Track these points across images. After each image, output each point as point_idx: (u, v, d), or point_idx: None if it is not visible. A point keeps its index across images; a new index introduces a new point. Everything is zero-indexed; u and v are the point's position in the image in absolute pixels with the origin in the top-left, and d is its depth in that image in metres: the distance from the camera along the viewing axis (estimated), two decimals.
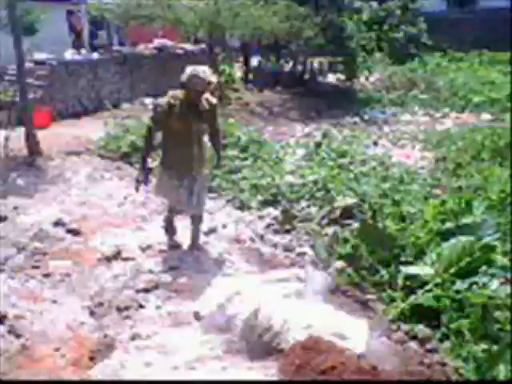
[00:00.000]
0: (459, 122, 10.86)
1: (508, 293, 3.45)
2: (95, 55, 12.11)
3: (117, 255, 4.44)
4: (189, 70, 4.10)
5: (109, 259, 4.39)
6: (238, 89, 14.10)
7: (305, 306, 3.18)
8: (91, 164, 7.17)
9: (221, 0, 12.11)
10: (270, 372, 2.80)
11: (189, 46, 14.82)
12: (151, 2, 12.51)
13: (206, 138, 4.47)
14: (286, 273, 3.75)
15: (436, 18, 22.15)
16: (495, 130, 8.72)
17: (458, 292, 3.53)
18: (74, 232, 4.93)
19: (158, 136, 4.35)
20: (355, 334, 2.94)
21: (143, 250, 4.52)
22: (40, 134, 7.49)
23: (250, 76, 16.11)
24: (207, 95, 4.21)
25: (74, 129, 8.81)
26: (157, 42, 14.10)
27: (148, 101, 11.92)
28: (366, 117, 11.80)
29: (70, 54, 11.84)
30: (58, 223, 5.07)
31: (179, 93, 4.18)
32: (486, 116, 11.36)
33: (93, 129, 8.77)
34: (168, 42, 14.25)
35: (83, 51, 13.21)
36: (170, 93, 4.23)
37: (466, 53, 19.99)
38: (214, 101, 4.27)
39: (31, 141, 7.21)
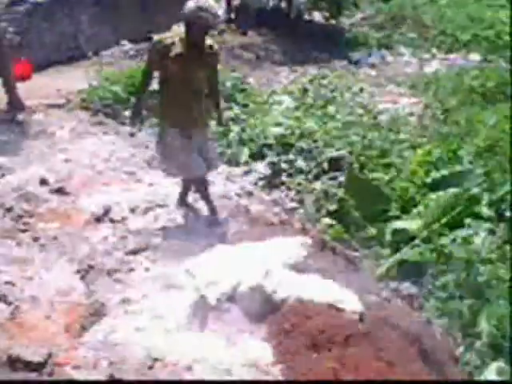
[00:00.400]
0: (447, 63, 10.68)
1: (493, 247, 3.52)
2: None
3: (105, 216, 4.42)
4: (191, 1, 3.71)
5: (97, 220, 4.37)
6: (221, 30, 13.63)
7: (292, 274, 3.20)
8: (74, 118, 6.97)
9: None
10: (260, 335, 2.86)
11: None
12: None
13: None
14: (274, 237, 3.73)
15: None
16: (483, 71, 8.60)
17: (443, 246, 3.59)
18: (61, 192, 4.86)
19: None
20: (346, 297, 2.99)
21: (132, 209, 4.50)
22: (20, 87, 7.24)
23: (233, 16, 15.55)
24: (209, 41, 3.87)
25: (54, 80, 8.50)
26: None
27: (128, 46, 11.52)
28: (353, 60, 11.55)
29: None
30: (43, 183, 4.99)
31: (181, 30, 3.82)
32: (474, 56, 11.17)
33: (74, 79, 8.47)
34: None
35: None
36: (174, 27, 3.94)
37: None
38: (217, 46, 3.94)
39: (12, 94, 6.97)
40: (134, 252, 3.88)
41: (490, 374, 2.60)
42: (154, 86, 4.19)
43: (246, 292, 3.13)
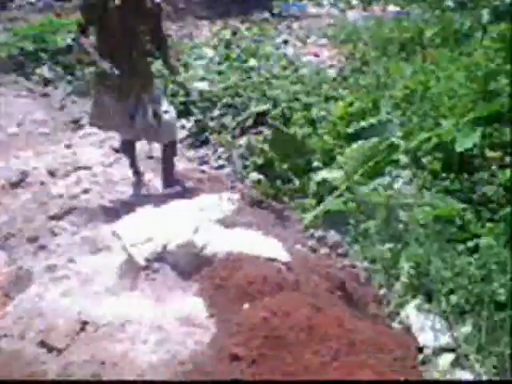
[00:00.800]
0: (367, 14, 10.83)
1: (411, 192, 3.70)
2: None
3: (22, 181, 4.21)
4: None
5: (14, 185, 4.17)
6: None
7: (222, 229, 3.22)
8: None
9: None
10: (191, 291, 2.88)
11: None
12: None
13: None
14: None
15: None
16: (401, 22, 8.80)
17: (365, 194, 3.73)
18: None
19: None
20: (274, 248, 3.06)
21: (51, 173, 4.31)
22: None
23: None
24: None
25: None
26: None
27: None
28: (276, 11, 11.46)
29: None
30: None
31: None
32: (392, 7, 11.39)
33: None
34: None
35: None
36: None
37: None
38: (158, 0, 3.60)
39: None
40: (57, 217, 3.75)
41: (411, 310, 2.79)
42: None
43: (175, 249, 3.12)
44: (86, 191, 4.03)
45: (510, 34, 5.20)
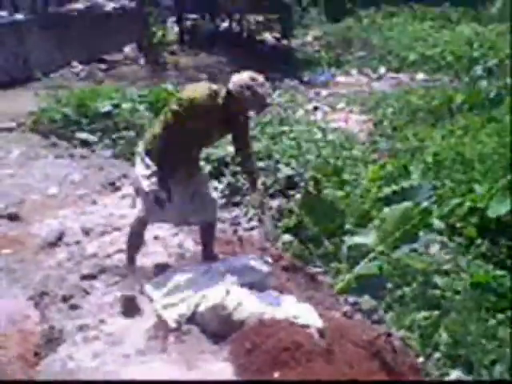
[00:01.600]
0: (395, 82, 11.08)
1: (447, 258, 3.64)
2: (19, 16, 11.22)
3: (59, 240, 4.30)
4: (245, 76, 3.18)
5: (51, 245, 4.25)
6: (174, 51, 13.67)
7: (253, 292, 3.20)
8: (24, 141, 6.82)
9: None
10: (221, 356, 2.83)
11: (118, 4, 14.10)
12: None
13: None
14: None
15: None
16: (429, 90, 8.98)
17: (399, 259, 3.68)
18: (12, 217, 4.71)
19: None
20: (307, 313, 3.01)
21: (86, 232, 4.39)
22: None
23: (186, 36, 15.62)
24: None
25: (2, 103, 8.28)
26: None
27: (79, 68, 11.38)
28: (305, 79, 11.82)
29: None
30: None
31: (219, 91, 3.22)
32: (420, 75, 11.64)
33: (23, 101, 8.28)
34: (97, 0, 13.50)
35: (4, 12, 12.28)
36: (207, 86, 3.27)
37: (399, 6, 20.11)
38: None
39: None
40: (90, 277, 3.78)
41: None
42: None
43: (206, 312, 3.09)
44: (119, 251, 4.07)
45: None
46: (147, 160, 3.37)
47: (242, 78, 3.19)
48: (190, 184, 3.46)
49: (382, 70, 12.68)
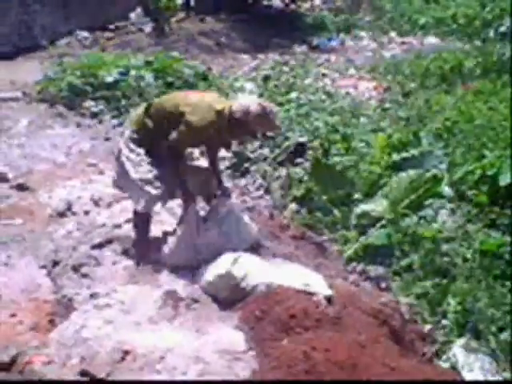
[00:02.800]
0: (405, 47, 10.84)
1: (456, 225, 3.62)
2: None
3: (68, 210, 4.33)
4: (252, 103, 3.08)
5: (60, 215, 4.28)
6: (180, 17, 13.42)
7: (261, 260, 3.21)
8: (31, 111, 6.80)
9: None
10: (231, 323, 2.87)
11: None
12: None
13: None
14: None
15: None
16: (440, 54, 8.78)
17: (408, 227, 3.66)
18: (21, 187, 4.75)
19: None
20: (315, 281, 3.02)
21: (96, 202, 4.41)
22: None
23: (191, 2, 15.31)
24: None
25: (7, 72, 8.22)
26: None
27: (85, 35, 11.23)
28: (314, 44, 11.60)
29: None
30: (2, 179, 4.86)
31: (224, 112, 3.13)
32: (431, 39, 11.37)
33: (29, 70, 8.23)
34: None
35: None
36: (213, 107, 3.14)
37: None
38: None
39: None
40: (100, 246, 3.81)
41: (458, 349, 2.69)
42: None
43: (214, 280, 3.12)
44: (129, 221, 4.08)
45: None
46: (135, 148, 3.38)
47: (248, 105, 3.07)
48: None
49: (393, 34, 12.40)
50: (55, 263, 3.64)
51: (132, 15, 12.99)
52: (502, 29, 10.23)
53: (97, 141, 5.75)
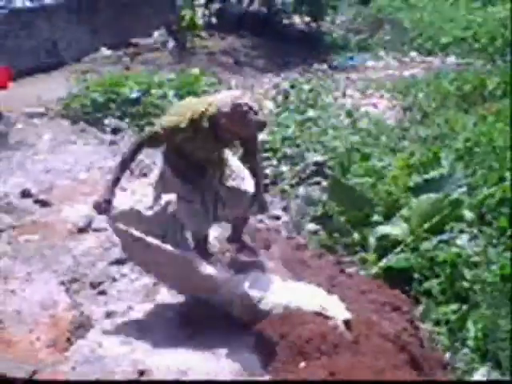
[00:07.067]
0: (426, 66, 10.82)
1: (477, 249, 3.56)
2: (48, 1, 11.31)
3: (88, 226, 4.37)
4: (235, 97, 2.81)
5: (81, 231, 4.33)
6: (201, 35, 13.61)
7: (279, 281, 3.19)
8: (55, 126, 6.92)
9: None
10: (248, 345, 2.85)
11: None
12: None
13: None
14: None
15: None
16: (461, 74, 8.74)
17: (428, 251, 3.62)
18: (43, 203, 4.81)
19: None
20: (333, 304, 2.99)
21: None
22: None
23: (213, 20, 15.53)
24: None
25: (33, 88, 8.39)
26: None
27: (108, 53, 11.45)
28: (334, 63, 11.65)
29: (20, 1, 11.06)
30: (25, 194, 4.94)
31: (205, 114, 2.93)
32: (452, 59, 11.34)
33: (54, 87, 8.38)
34: None
35: None
36: (192, 109, 2.96)
37: None
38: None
39: None
40: (118, 263, 3.84)
41: (479, 378, 2.63)
42: None
43: (231, 300, 3.11)
44: None
45: None
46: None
47: (225, 104, 2.81)
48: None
49: (413, 53, 12.39)
50: (74, 280, 3.68)
51: (155, 33, 13.22)
52: None
53: (118, 157, 5.81)
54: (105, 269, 3.81)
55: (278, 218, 4.53)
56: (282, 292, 3.11)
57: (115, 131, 6.75)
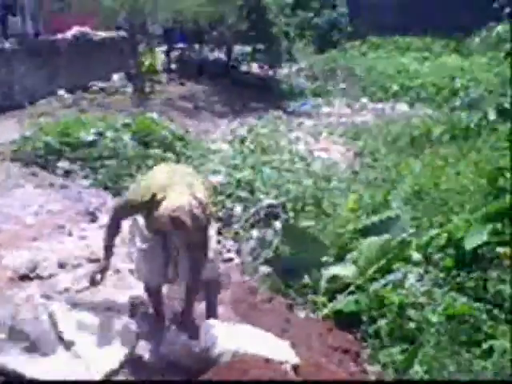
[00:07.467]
0: (377, 112, 11.24)
1: (423, 290, 3.62)
2: (7, 45, 11.29)
3: (32, 272, 4.22)
4: (172, 210, 2.79)
5: (23, 278, 4.17)
6: (161, 80, 13.78)
7: (228, 326, 3.15)
8: (4, 170, 6.75)
9: None
10: None
11: (109, 34, 14.26)
12: None
13: None
14: None
15: (354, 3, 22.56)
16: (410, 120, 9.11)
17: (376, 292, 3.66)
18: None
19: None
20: (282, 349, 2.96)
21: (61, 265, 4.32)
22: None
23: (173, 66, 15.78)
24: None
25: None
26: (75, 29, 13.41)
27: (66, 95, 11.41)
28: (290, 109, 11.97)
29: None
30: None
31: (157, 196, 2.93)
32: (402, 106, 11.83)
33: (7, 130, 8.25)
34: (88, 30, 13.61)
35: None
36: (149, 190, 2.98)
37: (384, 38, 20.56)
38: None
39: None
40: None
41: None
42: None
43: (178, 348, 3.04)
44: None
45: None
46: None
47: (162, 214, 2.83)
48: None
49: (365, 100, 12.89)
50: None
51: (114, 77, 13.29)
52: (469, 98, 10.71)
53: (68, 201, 5.71)
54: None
55: (230, 260, 4.50)
56: (230, 338, 3.06)
57: (67, 174, 6.64)
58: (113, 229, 3.28)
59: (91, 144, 7.31)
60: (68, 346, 3.07)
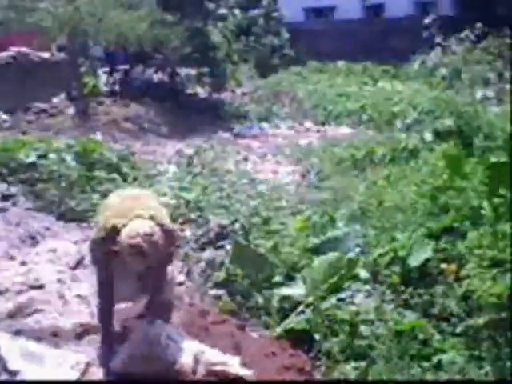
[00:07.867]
0: (320, 134, 11.55)
1: (373, 306, 3.70)
2: None
3: None
4: (130, 236, 2.78)
5: None
6: (104, 102, 13.57)
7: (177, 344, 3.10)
8: None
9: (82, 4, 11.62)
10: None
11: (51, 55, 13.95)
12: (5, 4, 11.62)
13: None
14: None
15: (295, 29, 23.37)
16: (353, 142, 9.40)
17: (327, 310, 3.71)
18: None
19: None
20: (235, 367, 2.94)
21: (1, 292, 4.10)
22: None
23: (117, 87, 15.59)
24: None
25: None
26: (12, 49, 13.02)
27: (4, 116, 11.02)
28: (235, 131, 12.08)
29: None
30: None
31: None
32: (344, 129, 12.20)
33: None
34: (28, 50, 13.24)
35: None
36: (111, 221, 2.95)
37: (324, 63, 21.29)
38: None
39: None
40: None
41: None
42: None
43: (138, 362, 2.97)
44: (36, 311, 3.83)
45: (453, 153, 5.56)
46: None
47: (122, 239, 2.81)
48: None
49: (309, 122, 13.20)
50: None
51: (55, 99, 12.97)
52: (407, 121, 11.21)
53: (8, 225, 5.47)
54: None
55: (180, 284, 4.43)
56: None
57: (6, 198, 6.37)
58: (103, 277, 3.13)
59: (32, 166, 7.06)
60: (13, 375, 2.91)
